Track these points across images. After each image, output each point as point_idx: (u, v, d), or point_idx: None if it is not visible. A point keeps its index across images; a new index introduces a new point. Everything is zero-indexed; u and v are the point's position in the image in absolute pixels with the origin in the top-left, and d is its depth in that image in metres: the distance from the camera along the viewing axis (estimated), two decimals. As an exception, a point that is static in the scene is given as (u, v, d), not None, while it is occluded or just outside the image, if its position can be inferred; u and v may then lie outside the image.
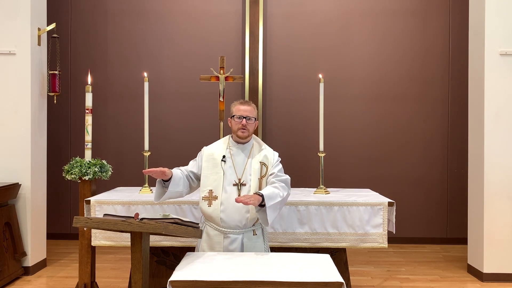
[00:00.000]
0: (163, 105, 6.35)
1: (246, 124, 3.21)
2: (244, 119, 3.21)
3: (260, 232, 3.22)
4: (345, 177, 6.24)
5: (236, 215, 3.11)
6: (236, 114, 3.22)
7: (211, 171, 3.22)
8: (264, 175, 3.21)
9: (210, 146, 3.38)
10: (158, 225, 2.68)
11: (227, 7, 6.36)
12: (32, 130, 5.00)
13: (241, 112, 3.23)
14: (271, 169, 3.24)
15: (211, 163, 3.25)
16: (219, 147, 3.33)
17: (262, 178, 3.20)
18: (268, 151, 3.32)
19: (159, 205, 3.71)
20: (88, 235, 3.88)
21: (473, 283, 4.78)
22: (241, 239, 3.14)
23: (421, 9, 6.35)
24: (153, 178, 5.16)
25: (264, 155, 3.28)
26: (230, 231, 3.12)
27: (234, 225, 3.12)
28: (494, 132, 4.84)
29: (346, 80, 6.35)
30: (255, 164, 3.23)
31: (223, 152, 3.27)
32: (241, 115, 3.22)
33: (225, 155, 3.25)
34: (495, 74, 4.84)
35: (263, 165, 3.24)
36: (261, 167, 3.22)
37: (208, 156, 3.28)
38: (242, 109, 3.24)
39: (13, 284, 4.67)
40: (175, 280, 2.51)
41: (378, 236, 3.68)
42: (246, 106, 3.25)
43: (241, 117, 3.22)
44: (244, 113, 3.22)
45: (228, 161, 3.25)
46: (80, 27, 6.42)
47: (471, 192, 5.12)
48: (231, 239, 3.12)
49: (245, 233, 3.16)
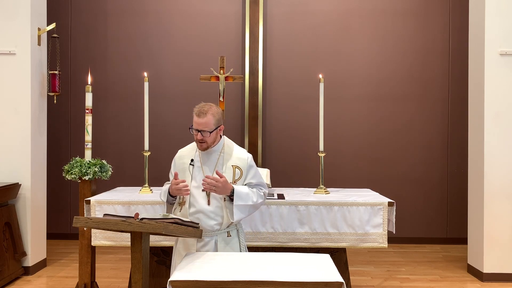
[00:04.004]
0: (163, 105, 6.35)
1: (203, 137, 3.02)
2: (199, 133, 3.01)
3: (235, 233, 3.14)
4: (345, 177, 6.24)
5: (207, 220, 3.04)
6: (193, 127, 3.03)
7: (181, 176, 3.09)
8: (238, 179, 3.09)
9: (182, 150, 3.27)
10: (158, 225, 2.68)
11: (227, 7, 6.36)
12: (32, 130, 5.00)
13: (195, 125, 3.01)
14: (246, 174, 3.10)
15: (181, 167, 3.14)
16: (189, 150, 3.21)
17: (236, 182, 3.07)
18: (239, 153, 3.16)
19: (159, 205, 3.71)
20: (88, 235, 3.88)
21: (473, 283, 4.78)
22: (215, 242, 3.06)
23: (421, 9, 6.35)
24: (153, 178, 5.18)
25: (236, 157, 3.13)
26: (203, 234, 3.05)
27: (205, 229, 3.05)
28: (494, 132, 4.84)
29: (346, 80, 6.35)
30: (228, 168, 3.09)
31: (192, 155, 3.15)
32: (196, 128, 3.02)
33: (193, 159, 3.12)
34: (495, 74, 4.84)
35: (237, 168, 3.11)
36: (234, 171, 3.10)
37: (179, 161, 3.19)
38: (196, 122, 3.01)
39: (13, 284, 4.67)
40: (175, 280, 2.51)
41: (378, 236, 3.68)
42: (200, 119, 2.99)
43: (197, 130, 3.02)
44: (198, 127, 3.01)
45: (198, 164, 3.11)
46: (80, 27, 6.42)
47: (471, 192, 5.12)
48: (204, 242, 3.06)
49: (219, 235, 3.08)
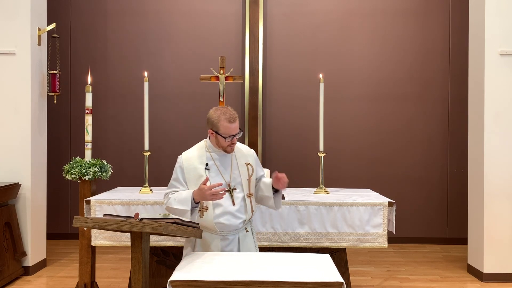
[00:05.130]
0: (163, 105, 6.35)
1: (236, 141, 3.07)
2: (234, 137, 3.03)
3: (249, 228, 3.22)
4: (345, 177, 6.24)
5: (234, 219, 3.08)
6: (227, 135, 3.00)
7: (196, 182, 3.03)
8: (252, 174, 3.17)
9: (187, 153, 3.17)
10: (158, 225, 2.68)
11: (227, 7, 6.36)
12: (32, 130, 5.00)
13: (230, 130, 3.00)
14: (256, 169, 3.22)
15: (193, 174, 3.07)
16: (198, 155, 3.13)
17: (250, 178, 3.15)
18: (246, 149, 3.25)
19: (159, 205, 3.71)
20: (88, 235, 3.88)
21: (473, 283, 4.78)
22: (238, 238, 3.13)
23: (421, 9, 6.35)
24: (153, 178, 5.18)
25: (246, 154, 3.21)
26: (227, 233, 3.11)
27: (232, 228, 3.10)
28: (494, 132, 4.84)
29: (346, 80, 6.35)
30: (242, 165, 3.15)
31: (203, 160, 3.09)
32: (231, 134, 3.01)
33: (208, 163, 3.08)
34: (495, 74, 4.84)
35: (248, 165, 3.18)
36: (247, 168, 3.16)
37: (188, 168, 3.09)
38: (232, 127, 2.99)
39: (13, 284, 4.67)
40: (175, 280, 2.51)
41: (378, 236, 3.68)
42: (234, 124, 3.00)
43: (231, 136, 3.01)
44: (234, 132, 3.01)
45: (213, 167, 3.10)
46: (80, 27, 6.41)
47: (471, 192, 5.12)
48: (229, 240, 3.11)
49: (240, 231, 3.15)
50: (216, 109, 3.07)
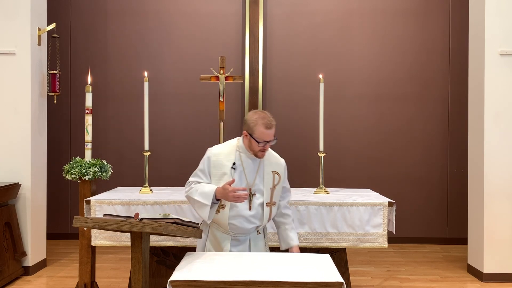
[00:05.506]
0: (163, 105, 6.34)
1: (268, 147, 3.06)
2: (267, 143, 3.01)
3: (261, 230, 3.24)
4: (345, 177, 6.24)
5: (246, 223, 3.09)
6: (261, 140, 2.98)
7: (219, 178, 3.05)
8: (277, 183, 3.14)
9: (218, 148, 3.17)
10: (158, 225, 2.68)
11: (227, 7, 6.36)
12: (32, 130, 5.00)
13: (265, 136, 2.97)
14: (284, 179, 3.20)
15: (219, 170, 3.07)
16: (227, 152, 3.11)
17: (275, 188, 3.12)
18: (277, 158, 3.22)
19: (159, 205, 3.71)
20: (88, 235, 3.88)
21: (473, 283, 4.78)
22: (249, 239, 3.15)
23: (421, 9, 6.35)
24: (153, 178, 5.18)
25: (275, 163, 3.18)
26: (239, 235, 3.13)
27: (243, 231, 3.12)
28: (494, 132, 4.84)
29: (346, 80, 6.35)
30: (268, 173, 3.12)
31: (232, 158, 3.08)
32: (265, 140, 2.99)
33: (236, 162, 3.07)
34: (495, 74, 4.84)
35: (276, 173, 3.15)
36: (273, 176, 3.13)
37: (216, 162, 3.08)
38: (266, 133, 2.97)
39: (13, 284, 4.67)
40: (175, 280, 2.51)
41: (378, 236, 3.68)
42: (270, 131, 2.98)
43: (265, 142, 3.00)
44: (268, 138, 2.99)
45: (240, 168, 3.08)
46: (80, 27, 6.42)
47: (471, 192, 5.12)
48: (240, 241, 3.13)
49: (252, 233, 3.17)
50: (255, 113, 3.06)
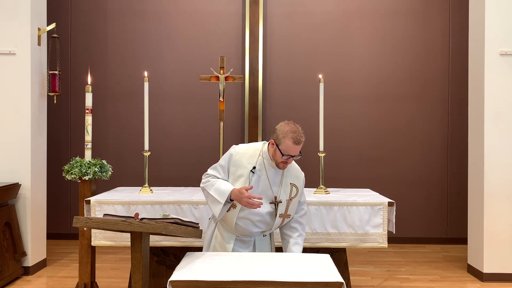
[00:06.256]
0: (163, 105, 6.35)
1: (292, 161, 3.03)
2: (291, 157, 2.98)
3: (268, 234, 3.23)
4: (345, 177, 6.24)
5: (252, 227, 3.09)
6: (285, 154, 2.94)
7: (236, 178, 3.04)
8: (294, 196, 3.10)
9: (241, 147, 3.14)
10: (158, 225, 2.68)
11: (227, 7, 6.36)
12: (32, 130, 5.00)
13: (291, 152, 2.94)
14: (301, 193, 3.15)
15: (238, 170, 3.05)
16: (250, 154, 3.09)
17: (292, 200, 3.09)
18: (297, 171, 3.18)
19: (159, 205, 3.71)
20: (88, 235, 3.88)
21: (473, 283, 4.78)
22: (253, 240, 3.15)
23: (421, 9, 6.35)
24: (153, 178, 5.17)
25: (295, 176, 3.14)
26: (244, 236, 3.13)
27: (247, 233, 3.12)
28: (494, 132, 4.84)
29: (346, 80, 6.35)
30: (286, 185, 3.10)
31: (253, 161, 3.05)
32: (290, 154, 2.95)
33: (256, 167, 3.04)
34: (495, 74, 4.84)
35: (294, 186, 3.11)
36: (291, 189, 3.10)
37: (237, 162, 3.06)
38: (294, 148, 2.94)
39: (13, 284, 4.67)
40: (175, 280, 2.51)
41: (378, 236, 3.68)
42: (298, 146, 2.95)
43: (289, 156, 2.96)
44: (293, 153, 2.96)
45: (259, 173, 3.04)
46: (80, 27, 6.41)
47: (471, 192, 5.12)
48: (245, 242, 3.13)
49: (256, 236, 3.17)
50: (287, 124, 3.03)
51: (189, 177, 5.90)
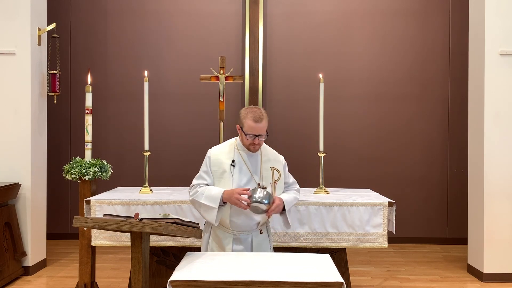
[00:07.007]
0: (163, 105, 6.35)
1: (259, 142, 3.06)
2: (257, 137, 3.03)
3: (265, 231, 3.24)
4: (345, 177, 6.24)
5: (247, 220, 3.10)
6: (248, 133, 3.01)
7: (219, 176, 3.09)
8: (277, 179, 3.14)
9: (217, 148, 3.21)
10: (158, 225, 2.68)
11: (227, 7, 6.36)
12: (32, 130, 5.00)
13: (253, 131, 3.00)
14: (284, 175, 3.19)
15: (219, 168, 3.10)
16: (226, 151, 3.16)
17: (276, 183, 3.12)
18: (275, 155, 3.24)
19: (159, 205, 3.71)
20: (88, 235, 3.88)
21: (473, 283, 4.79)
22: (251, 239, 3.15)
23: (421, 9, 6.35)
24: (153, 178, 5.18)
25: (273, 159, 3.19)
26: (240, 233, 3.13)
27: (244, 229, 3.13)
28: (494, 132, 4.84)
29: (346, 80, 6.35)
30: (266, 169, 3.14)
31: (231, 156, 3.12)
32: (253, 134, 3.01)
33: (235, 159, 3.10)
34: (495, 74, 4.84)
35: (275, 169, 3.14)
36: (272, 172, 3.13)
37: (215, 161, 3.12)
38: (254, 127, 2.99)
39: (13, 284, 4.67)
40: (175, 280, 2.51)
41: (378, 236, 3.68)
42: (259, 124, 2.99)
43: (253, 135, 3.02)
44: (257, 132, 3.01)
45: (239, 165, 3.11)
46: (80, 27, 6.42)
47: (471, 192, 5.12)
48: (241, 240, 3.13)
49: (254, 232, 3.17)
50: (247, 107, 3.13)
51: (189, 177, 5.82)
